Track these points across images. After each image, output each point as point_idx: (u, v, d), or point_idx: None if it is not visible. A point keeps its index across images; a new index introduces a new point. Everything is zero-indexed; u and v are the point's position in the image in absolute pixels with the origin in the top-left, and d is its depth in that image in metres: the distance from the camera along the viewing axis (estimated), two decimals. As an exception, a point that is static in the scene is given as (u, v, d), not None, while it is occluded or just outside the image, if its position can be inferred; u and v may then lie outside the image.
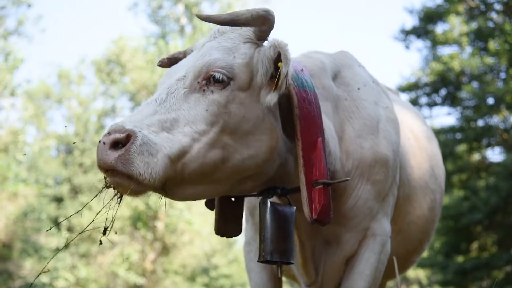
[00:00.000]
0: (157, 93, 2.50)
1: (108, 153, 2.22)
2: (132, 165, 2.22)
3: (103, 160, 2.23)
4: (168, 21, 29.72)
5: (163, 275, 26.12)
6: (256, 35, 2.65)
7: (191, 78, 2.49)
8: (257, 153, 2.53)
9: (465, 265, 17.97)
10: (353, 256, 3.18)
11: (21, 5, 20.36)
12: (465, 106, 20.35)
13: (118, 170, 2.22)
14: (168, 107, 2.41)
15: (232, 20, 2.55)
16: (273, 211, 2.70)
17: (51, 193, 26.10)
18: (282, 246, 2.68)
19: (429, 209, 3.99)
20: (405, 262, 4.12)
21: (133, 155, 2.22)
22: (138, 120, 2.34)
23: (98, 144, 2.27)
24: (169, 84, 2.52)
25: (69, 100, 30.18)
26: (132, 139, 2.23)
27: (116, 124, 2.29)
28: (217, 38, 2.68)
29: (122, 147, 2.23)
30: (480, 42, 20.06)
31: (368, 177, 3.08)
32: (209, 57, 2.53)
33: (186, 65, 2.60)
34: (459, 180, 20.81)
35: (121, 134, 2.23)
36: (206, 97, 2.46)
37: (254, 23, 2.57)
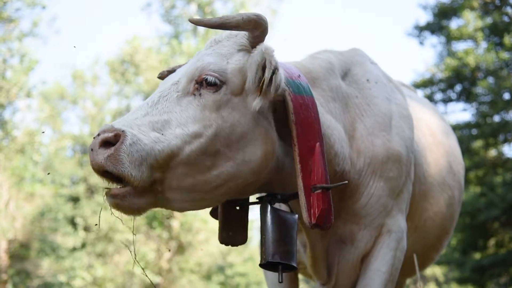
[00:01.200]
0: (150, 97, 2.51)
1: (98, 152, 2.19)
2: (122, 165, 2.18)
3: (94, 161, 2.20)
4: (181, 21, 29.77)
5: (179, 273, 26.21)
6: (250, 42, 2.64)
7: (184, 82, 2.49)
8: (251, 159, 2.51)
9: (482, 262, 17.84)
10: (368, 254, 3.16)
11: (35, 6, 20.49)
12: (481, 101, 20.19)
13: (108, 170, 2.19)
14: (160, 109, 2.40)
15: (223, 23, 2.54)
16: (273, 214, 2.69)
17: (67, 193, 26.29)
18: (283, 248, 2.65)
19: (447, 206, 3.96)
20: (423, 259, 4.09)
21: (123, 154, 2.18)
22: (128, 120, 2.32)
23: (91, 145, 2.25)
24: (162, 88, 2.53)
25: (83, 100, 30.37)
26: (121, 139, 2.20)
27: (105, 125, 2.28)
28: (213, 46, 2.69)
29: (111, 146, 2.20)
30: (495, 37, 19.88)
31: (380, 174, 3.07)
32: (201, 62, 2.53)
33: (180, 72, 2.61)
34: (475, 176, 20.65)
35: (109, 134, 2.21)
36: (198, 100, 2.46)
37: (245, 27, 2.56)
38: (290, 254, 2.66)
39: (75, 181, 27.55)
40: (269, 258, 2.61)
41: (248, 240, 2.96)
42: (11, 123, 20.92)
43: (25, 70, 20.43)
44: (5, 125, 20.40)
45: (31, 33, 20.89)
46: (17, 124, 22.10)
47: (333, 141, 2.86)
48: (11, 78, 19.98)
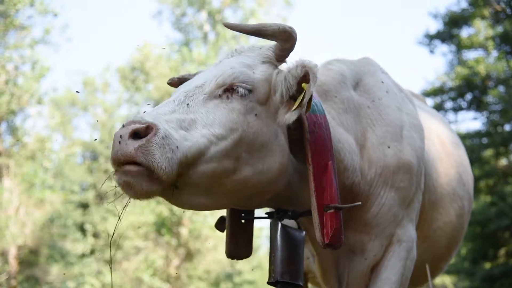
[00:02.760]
0: (175, 95, 2.49)
1: (128, 143, 2.13)
2: (153, 157, 2.13)
3: (121, 151, 2.14)
4: (191, 29, 29.91)
5: (187, 280, 26.20)
6: (276, 54, 2.67)
7: (212, 86, 2.49)
8: (269, 169, 2.52)
9: (492, 272, 17.72)
10: (379, 263, 3.16)
11: (47, 14, 20.66)
12: (491, 110, 20.13)
13: (137, 161, 2.14)
14: (186, 109, 2.38)
15: (259, 30, 2.56)
16: (283, 232, 2.71)
17: (76, 200, 26.42)
18: (292, 267, 2.67)
19: (457, 216, 3.95)
20: (432, 269, 4.08)
21: (155, 146, 2.14)
22: (156, 115, 2.28)
23: (114, 137, 2.19)
24: (186, 89, 2.51)
25: (94, 107, 30.55)
26: (153, 131, 2.15)
27: (135, 116, 2.23)
28: (235, 56, 2.71)
29: (141, 138, 2.15)
30: (506, 46, 19.83)
31: (392, 184, 3.07)
32: (233, 70, 2.53)
33: (204, 76, 2.60)
34: (486, 185, 20.55)
35: (140, 125, 2.16)
36: (226, 104, 2.46)
37: (279, 37, 2.58)
38: (298, 273, 2.69)
39: (85, 187, 27.70)
40: (278, 277, 2.63)
41: (256, 248, 2.97)
42: (22, 129, 21.07)
43: (36, 77, 20.59)
44: (16, 131, 20.55)
45: (43, 41, 21.07)
46: (28, 131, 22.26)
47: (343, 155, 2.88)
48: (23, 85, 20.14)
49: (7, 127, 20.63)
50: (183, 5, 29.45)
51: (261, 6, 29.16)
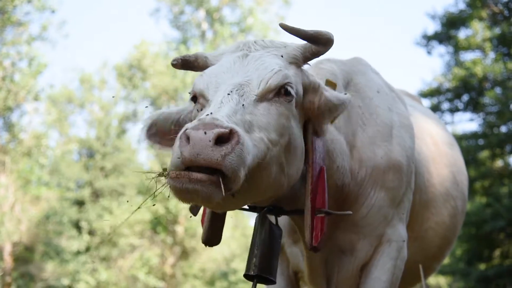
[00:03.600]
0: (224, 91, 2.38)
1: (213, 149, 2.04)
2: (238, 167, 2.07)
3: (205, 156, 2.03)
4: (189, 27, 29.89)
5: (183, 279, 26.21)
6: (305, 56, 2.64)
7: (263, 87, 2.43)
8: (295, 173, 2.55)
9: (487, 273, 17.76)
10: (368, 263, 3.17)
11: (45, 10, 20.62)
12: (488, 112, 20.14)
13: (222, 170, 2.05)
14: (243, 110, 2.31)
15: (316, 37, 2.55)
16: (269, 228, 2.70)
17: (72, 197, 26.37)
18: (271, 263, 2.67)
19: (450, 216, 3.95)
20: (424, 269, 4.09)
21: (239, 155, 2.08)
22: (228, 116, 2.21)
23: (191, 135, 2.06)
24: (233, 85, 2.41)
25: (91, 104, 30.48)
26: (236, 138, 2.08)
27: (213, 118, 2.12)
28: (262, 51, 2.64)
29: (223, 144, 2.07)
30: (504, 48, 19.85)
31: (382, 184, 3.07)
32: (281, 73, 2.48)
33: (243, 72, 2.51)
34: (481, 186, 20.58)
35: (224, 130, 2.07)
36: (276, 108, 2.43)
37: (329, 45, 2.59)
38: (275, 269, 2.69)
39: (81, 184, 27.65)
40: (258, 271, 2.62)
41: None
42: (18, 126, 21.02)
43: (33, 74, 20.55)
44: (12, 128, 20.50)
45: (40, 37, 21.03)
46: (24, 127, 22.20)
47: (335, 156, 2.89)
48: (19, 81, 20.09)
49: (3, 123, 20.59)
50: (181, 3, 29.43)
51: (260, 4, 29.16)
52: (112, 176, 27.69)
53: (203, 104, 2.50)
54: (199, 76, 2.59)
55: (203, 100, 2.50)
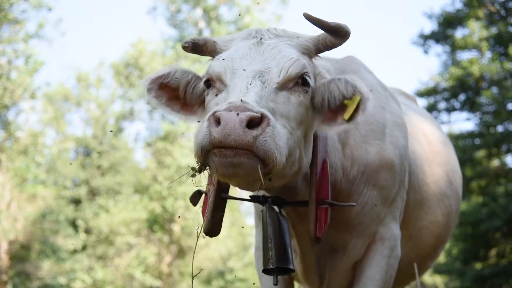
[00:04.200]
0: (246, 77, 2.41)
1: (245, 131, 2.10)
2: (270, 148, 2.14)
3: (236, 137, 2.10)
4: (186, 25, 29.85)
5: (179, 277, 26.19)
6: (317, 48, 2.67)
7: (284, 75, 2.46)
8: (307, 161, 2.62)
9: (483, 272, 17.80)
10: (362, 261, 3.18)
11: (41, 8, 20.56)
12: (485, 111, 20.17)
13: (254, 152, 2.12)
14: (267, 96, 2.35)
15: (338, 30, 2.56)
16: (278, 219, 2.71)
17: (69, 195, 26.34)
18: (287, 252, 2.68)
19: (443, 215, 3.96)
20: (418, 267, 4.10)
21: (271, 138, 2.14)
22: (256, 101, 2.25)
23: (222, 116, 2.12)
24: (254, 71, 2.44)
25: (87, 103, 30.43)
26: (266, 121, 2.15)
27: (244, 102, 2.18)
28: (276, 39, 2.65)
29: (254, 127, 2.13)
30: (500, 47, 19.87)
31: (374, 182, 3.08)
32: (300, 62, 2.52)
33: (260, 60, 2.53)
34: (478, 186, 20.61)
35: (255, 114, 2.13)
36: (295, 97, 2.48)
37: (346, 39, 2.61)
38: (292, 257, 2.70)
39: (77, 183, 27.61)
40: (276, 263, 2.62)
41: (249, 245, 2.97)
42: (15, 124, 20.97)
43: (30, 72, 20.49)
44: (9, 126, 20.45)
45: (37, 35, 20.96)
46: (21, 125, 22.16)
47: (329, 151, 2.91)
48: (16, 79, 20.04)
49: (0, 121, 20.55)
50: (178, 2, 29.39)
51: (256, 3, 29.14)
52: (108, 174, 27.66)
53: (220, 88, 2.52)
54: (215, 60, 2.61)
55: (220, 84, 2.52)
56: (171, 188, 24.76)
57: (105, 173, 27.86)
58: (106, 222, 24.80)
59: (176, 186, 24.75)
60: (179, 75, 2.77)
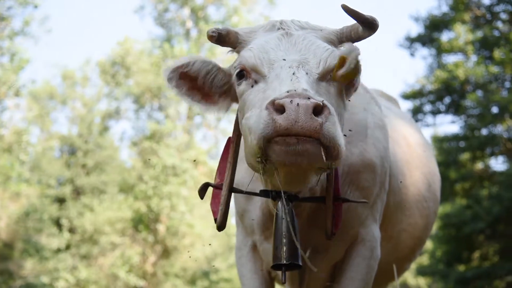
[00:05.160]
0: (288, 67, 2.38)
1: (312, 117, 2.08)
2: (335, 135, 2.14)
3: (304, 124, 2.07)
4: (174, 25, 29.80)
5: (164, 278, 26.11)
6: (340, 41, 2.67)
7: (323, 66, 2.45)
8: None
9: (466, 274, 17.92)
10: (343, 262, 3.18)
11: (27, 6, 20.42)
12: (469, 114, 20.33)
13: (321, 138, 2.10)
14: (312, 87, 2.33)
15: (372, 23, 2.57)
16: (294, 216, 2.68)
17: (53, 194, 26.16)
18: (297, 249, 2.65)
19: (422, 217, 3.97)
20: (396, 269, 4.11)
21: (335, 126, 2.14)
22: (311, 89, 2.24)
23: (286, 104, 2.09)
24: (294, 61, 2.42)
25: (73, 101, 30.24)
26: (327, 110, 2.13)
27: (304, 89, 2.18)
28: (300, 31, 2.63)
29: (318, 115, 2.11)
30: (485, 51, 20.04)
31: (357, 183, 3.07)
32: (337, 52, 2.51)
33: (296, 50, 2.51)
34: (462, 188, 20.76)
35: (319, 102, 2.12)
36: (334, 89, 2.48)
37: (374, 32, 2.62)
38: (299, 254, 2.67)
39: (62, 182, 27.42)
40: (288, 259, 2.60)
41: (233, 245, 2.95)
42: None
43: (15, 69, 20.36)
44: (-7, 123, 20.29)
45: (22, 32, 20.82)
46: (5, 123, 21.98)
47: None
48: (1, 77, 19.90)
49: (-16, 118, 20.38)
50: (166, 1, 29.34)
51: (245, 4, 29.16)
52: (94, 173, 27.50)
53: (257, 79, 2.49)
54: (246, 50, 2.58)
55: (256, 75, 2.49)
56: (156, 188, 24.69)
57: (90, 172, 27.69)
58: (91, 221, 24.65)
59: (162, 185, 24.68)
60: (199, 64, 2.74)
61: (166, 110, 28.21)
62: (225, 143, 2.95)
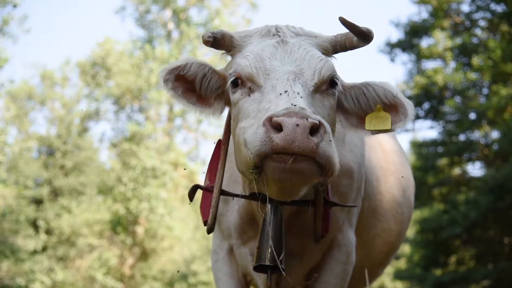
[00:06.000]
0: (285, 79, 2.40)
1: (308, 137, 2.11)
2: (330, 155, 2.16)
3: (301, 144, 2.11)
4: (155, 26, 29.68)
5: (141, 280, 25.94)
6: (334, 49, 2.69)
7: (318, 77, 2.47)
8: None
9: (443, 278, 18.06)
10: (318, 267, 3.19)
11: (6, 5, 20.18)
12: (448, 120, 20.53)
13: (316, 158, 2.14)
14: (307, 100, 2.35)
15: (368, 36, 2.59)
16: (281, 220, 2.72)
17: (30, 195, 25.82)
18: (282, 253, 2.68)
19: (396, 223, 4.01)
20: (369, 274, 4.13)
21: (330, 145, 2.17)
22: (305, 105, 2.25)
23: (284, 122, 2.12)
24: (290, 73, 2.43)
25: (52, 101, 29.91)
26: (323, 128, 2.16)
27: (301, 108, 2.19)
28: (295, 38, 2.64)
29: (314, 134, 2.14)
30: (464, 58, 20.26)
31: (335, 189, 3.09)
32: (329, 63, 2.54)
33: (290, 60, 2.52)
34: (439, 193, 20.95)
35: (316, 121, 2.14)
36: (327, 100, 2.51)
37: (369, 43, 2.64)
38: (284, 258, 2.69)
39: (39, 183, 27.09)
40: (272, 261, 2.62)
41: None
42: (-24, 121, 20.53)
43: (-7, 69, 20.08)
44: (-30, 123, 20.01)
45: (1, 31, 20.57)
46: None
47: None
48: (-22, 76, 19.62)
49: (-40, 118, 20.08)
50: (148, 2, 29.21)
51: (226, 6, 29.16)
52: (72, 174, 27.22)
53: (252, 88, 2.50)
54: (241, 58, 2.58)
55: (252, 84, 2.50)
56: (135, 190, 24.54)
57: (69, 173, 27.39)
58: (68, 223, 24.39)
59: (141, 187, 24.53)
60: (196, 67, 2.74)
61: (147, 112, 28.09)
62: (214, 145, 2.97)
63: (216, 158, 2.91)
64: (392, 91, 2.63)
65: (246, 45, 2.66)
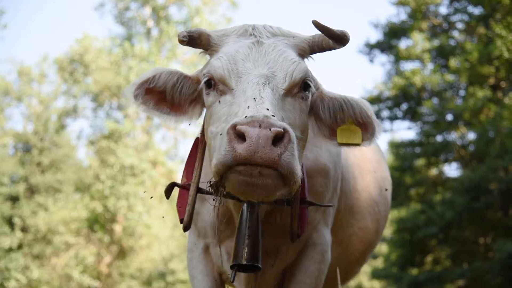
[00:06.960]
0: (255, 83, 2.37)
1: (271, 148, 2.08)
2: (292, 166, 2.13)
3: (263, 155, 2.08)
4: (134, 23, 29.49)
5: (119, 278, 25.79)
6: (311, 50, 2.68)
7: (289, 81, 2.46)
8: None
9: (419, 278, 18.24)
10: (293, 265, 3.19)
11: (-17, -1, 19.95)
12: (425, 121, 20.73)
13: (278, 169, 2.11)
14: (277, 104, 2.33)
15: (343, 38, 2.58)
16: (258, 219, 2.71)
17: (6, 192, 25.50)
18: (259, 251, 2.68)
19: (373, 221, 4.03)
20: (346, 273, 4.15)
21: (293, 155, 2.14)
22: (274, 112, 2.22)
23: (247, 132, 2.09)
24: (260, 76, 2.41)
25: (29, 98, 29.57)
26: (288, 137, 2.13)
27: (266, 116, 2.15)
28: (271, 38, 2.63)
29: (278, 143, 2.11)
30: (442, 59, 20.48)
31: (310, 188, 3.09)
32: (302, 66, 2.52)
33: (263, 62, 2.51)
34: (416, 193, 21.15)
35: (279, 129, 2.11)
36: (299, 103, 2.49)
37: (345, 45, 2.63)
38: (260, 257, 2.69)
39: (15, 180, 26.76)
40: (249, 260, 2.62)
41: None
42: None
43: (-31, 64, 19.82)
44: None
45: (-23, 26, 20.30)
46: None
47: None
48: (-46, 71, 19.34)
49: None
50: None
51: (206, 5, 29.07)
52: (49, 172, 26.94)
53: (224, 91, 2.49)
54: (215, 59, 2.56)
55: (224, 87, 2.49)
56: (113, 188, 24.38)
57: (46, 170, 27.10)
58: (45, 221, 24.13)
59: (119, 185, 24.37)
60: (165, 77, 2.72)
61: (125, 110, 27.89)
62: (192, 143, 2.96)
63: (194, 156, 2.89)
64: (368, 111, 2.66)
65: (223, 45, 2.65)
